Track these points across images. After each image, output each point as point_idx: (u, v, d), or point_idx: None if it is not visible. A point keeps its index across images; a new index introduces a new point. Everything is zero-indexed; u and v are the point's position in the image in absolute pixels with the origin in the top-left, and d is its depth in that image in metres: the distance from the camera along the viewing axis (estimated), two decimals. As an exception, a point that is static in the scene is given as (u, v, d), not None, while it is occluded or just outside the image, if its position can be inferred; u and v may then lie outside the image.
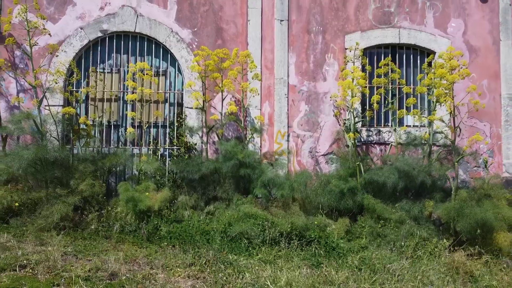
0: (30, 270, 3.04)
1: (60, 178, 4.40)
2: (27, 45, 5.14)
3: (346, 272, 3.56)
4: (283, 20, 6.08)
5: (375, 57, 6.35)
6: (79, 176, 4.43)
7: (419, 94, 6.07)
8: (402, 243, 4.36)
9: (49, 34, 5.37)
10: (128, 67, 5.89)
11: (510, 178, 6.44)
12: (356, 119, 5.86)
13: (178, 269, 3.32)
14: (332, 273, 3.50)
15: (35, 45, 5.24)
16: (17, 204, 4.22)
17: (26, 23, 5.02)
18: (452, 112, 4.96)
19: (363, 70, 5.82)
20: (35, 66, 5.43)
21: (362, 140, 6.09)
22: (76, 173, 4.45)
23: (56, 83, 5.14)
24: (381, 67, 5.71)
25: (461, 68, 4.72)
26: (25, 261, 3.15)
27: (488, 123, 6.51)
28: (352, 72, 5.29)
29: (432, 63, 5.56)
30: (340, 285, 3.24)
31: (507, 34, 6.62)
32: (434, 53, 6.42)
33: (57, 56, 5.54)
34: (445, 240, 4.32)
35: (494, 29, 6.63)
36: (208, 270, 3.35)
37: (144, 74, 5.15)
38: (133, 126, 5.76)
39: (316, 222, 4.58)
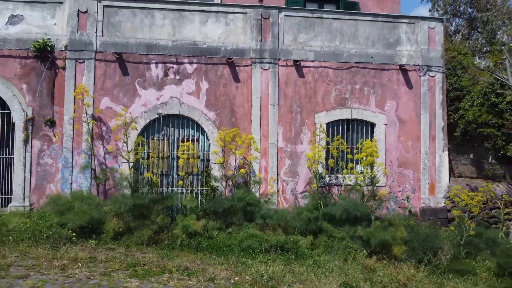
0: (148, 266, 6.25)
1: (144, 214, 7.62)
2: (124, 135, 8.37)
3: (304, 268, 6.77)
4: (274, 105, 9.33)
5: (335, 127, 9.60)
6: (155, 212, 7.66)
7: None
8: (341, 251, 7.58)
9: (136, 128, 8.58)
10: (174, 136, 9.14)
11: (425, 207, 9.69)
12: (322, 169, 9.12)
13: (217, 266, 6.53)
14: (296, 268, 6.72)
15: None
16: (121, 229, 7.43)
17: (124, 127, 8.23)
18: (370, 175, 8.20)
19: (326, 143, 9.10)
20: (115, 137, 8.73)
21: (326, 182, 9.33)
22: (153, 210, 7.68)
23: (141, 157, 8.41)
24: (335, 141, 8.95)
25: (375, 152, 7.96)
26: (143, 261, 6.36)
27: (412, 170, 9.76)
28: (315, 149, 8.55)
29: (363, 144, 8.69)
30: (299, 273, 6.46)
31: (425, 110, 9.86)
32: (375, 124, 9.69)
33: (131, 134, 8.75)
34: (364, 251, 7.55)
35: (417, 106, 9.89)
36: (232, 266, 6.56)
37: (188, 149, 8.37)
38: (178, 174, 8.97)
39: (291, 239, 7.79)
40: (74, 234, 7.11)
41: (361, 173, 8.69)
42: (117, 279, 5.55)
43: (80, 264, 6.00)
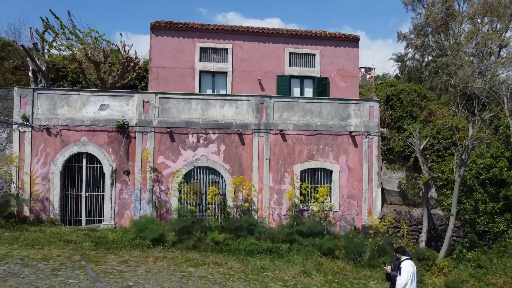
0: (195, 261, 11.47)
1: (188, 230, 12.89)
2: (173, 181, 13.67)
3: (282, 262, 12.02)
4: (267, 159, 14.59)
5: (306, 173, 14.83)
6: (195, 229, 12.93)
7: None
8: (305, 253, 12.80)
9: (183, 179, 13.87)
10: (203, 179, 14.40)
11: (365, 225, 14.88)
12: (297, 201, 14.38)
13: (233, 261, 11.73)
14: (277, 262, 11.97)
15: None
16: (176, 240, 12.66)
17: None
18: (322, 207, 13.46)
19: (300, 185, 14.36)
20: (167, 181, 14.03)
21: (299, 209, 14.56)
22: (193, 228, 12.94)
23: (184, 194, 13.69)
24: (304, 184, 14.20)
25: (326, 195, 13.20)
26: (192, 258, 11.59)
27: (356, 201, 14.99)
28: (292, 190, 13.84)
29: (319, 188, 13.92)
30: (278, 265, 11.68)
31: (366, 161, 15.08)
32: (332, 171, 14.93)
33: (177, 179, 14.01)
34: (319, 253, 12.75)
35: (360, 159, 15.12)
36: (241, 261, 11.79)
37: (213, 190, 13.64)
38: (206, 204, 14.22)
39: (276, 246, 13.01)
40: (150, 243, 12.39)
41: (320, 203, 13.95)
42: (183, 267, 10.83)
43: (160, 259, 11.27)
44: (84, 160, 14.10)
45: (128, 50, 22.15)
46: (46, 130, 13.91)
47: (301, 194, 14.47)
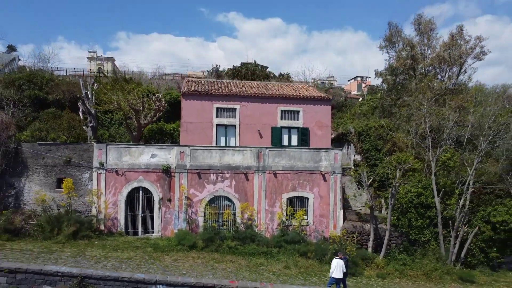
0: (218, 259, 18.23)
1: (212, 239, 19.66)
2: (200, 206, 20.55)
3: (273, 261, 18.81)
4: (264, 190, 21.41)
5: (291, 200, 21.63)
6: (216, 239, 19.69)
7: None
8: (288, 255, 19.56)
9: (207, 205, 20.77)
10: (220, 204, 21.23)
11: (330, 235, 21.68)
12: (284, 219, 21.20)
13: (241, 260, 18.51)
14: (270, 261, 18.77)
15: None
16: (203, 245, 19.43)
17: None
18: (300, 224, 20.29)
19: (286, 208, 21.21)
20: (196, 205, 20.90)
21: (286, 224, 21.35)
22: (215, 238, 19.69)
23: (208, 215, 20.55)
24: (288, 208, 21.04)
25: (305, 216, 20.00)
26: (215, 258, 18.36)
27: (325, 218, 21.82)
28: (280, 213, 20.70)
29: (297, 212, 20.74)
30: (270, 262, 18.44)
31: (332, 191, 21.89)
32: (309, 198, 21.74)
33: (203, 204, 20.86)
34: (297, 254, 19.52)
35: (328, 190, 21.92)
36: (246, 260, 18.56)
37: (227, 213, 20.47)
38: (223, 221, 21.01)
39: (270, 250, 19.77)
40: (188, 248, 19.16)
41: (299, 221, 20.72)
42: (211, 263, 17.61)
43: (196, 258, 18.05)
44: (140, 192, 20.93)
45: (160, 98, 28.96)
46: (115, 172, 20.75)
47: (287, 214, 21.27)
